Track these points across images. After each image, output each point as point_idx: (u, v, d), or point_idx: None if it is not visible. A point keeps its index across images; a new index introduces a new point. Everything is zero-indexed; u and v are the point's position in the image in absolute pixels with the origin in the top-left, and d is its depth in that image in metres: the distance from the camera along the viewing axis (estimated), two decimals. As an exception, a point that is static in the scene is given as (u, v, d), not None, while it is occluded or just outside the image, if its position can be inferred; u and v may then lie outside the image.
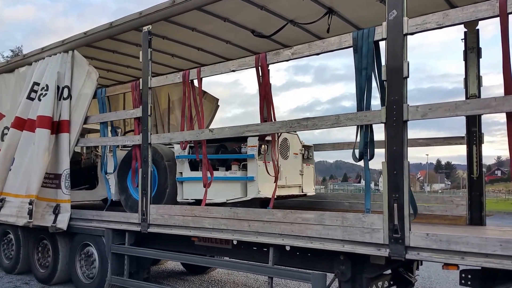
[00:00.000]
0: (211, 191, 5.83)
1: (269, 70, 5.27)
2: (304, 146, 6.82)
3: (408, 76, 3.92)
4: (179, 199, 6.35)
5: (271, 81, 5.35)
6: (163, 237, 6.28)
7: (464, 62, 5.55)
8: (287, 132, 6.17)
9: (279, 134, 5.96)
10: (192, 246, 6.17)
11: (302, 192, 6.70)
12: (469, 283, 4.09)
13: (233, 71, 5.36)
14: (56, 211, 7.06)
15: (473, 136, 5.45)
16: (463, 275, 4.13)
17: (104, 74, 9.11)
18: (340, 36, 4.45)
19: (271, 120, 5.22)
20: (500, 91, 3.66)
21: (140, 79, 6.33)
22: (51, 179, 7.18)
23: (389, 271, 5.39)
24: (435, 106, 3.77)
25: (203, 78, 5.76)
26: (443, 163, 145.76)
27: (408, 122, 3.96)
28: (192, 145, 6.40)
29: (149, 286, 6.59)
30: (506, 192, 69.67)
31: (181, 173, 6.37)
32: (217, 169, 6.14)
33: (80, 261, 7.34)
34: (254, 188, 5.67)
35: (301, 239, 4.63)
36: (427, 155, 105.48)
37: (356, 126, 4.42)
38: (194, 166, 6.41)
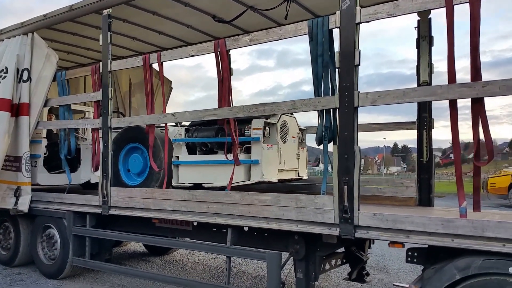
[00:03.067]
0: (210, 175, 5.87)
1: (229, 55, 5.34)
2: (300, 129, 6.74)
3: (359, 64, 4.09)
4: (174, 183, 6.25)
5: (235, 65, 5.41)
6: (125, 219, 6.37)
7: (416, 50, 5.72)
8: (286, 115, 6.18)
9: (279, 116, 5.98)
10: (153, 228, 6.29)
11: (298, 176, 6.67)
12: (415, 260, 4.35)
13: (193, 56, 5.43)
14: (17, 193, 7.07)
15: (424, 122, 5.66)
16: (409, 253, 4.38)
17: (64, 56, 9.00)
18: (296, 24, 4.59)
19: (229, 105, 5.28)
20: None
21: (100, 62, 6.34)
22: (11, 162, 7.15)
23: (342, 250, 5.66)
24: (384, 93, 3.96)
25: (164, 62, 5.80)
26: (399, 146, 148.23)
27: (359, 108, 4.13)
28: (189, 128, 6.40)
29: (109, 267, 6.72)
30: (460, 175, 71.49)
31: (178, 156, 6.27)
32: (216, 153, 6.12)
33: (42, 243, 7.39)
34: (258, 171, 5.64)
35: (258, 220, 4.81)
36: (384, 138, 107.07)
37: (317, 112, 4.57)
38: (191, 150, 6.36)
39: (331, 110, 4.42)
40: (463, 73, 4.03)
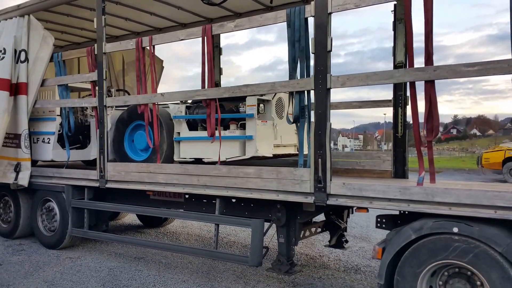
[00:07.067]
0: (209, 151, 6.13)
1: (219, 35, 5.42)
2: None
3: (331, 50, 4.50)
4: (176, 158, 6.48)
5: (234, 39, 5.84)
6: (121, 192, 6.79)
7: (393, 32, 6.05)
8: (283, 92, 6.35)
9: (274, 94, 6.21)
10: (148, 200, 6.72)
11: (298, 151, 6.81)
12: (383, 226, 4.86)
13: (182, 39, 5.80)
14: (17, 169, 7.46)
15: (399, 99, 6.03)
16: (379, 219, 4.88)
17: (58, 35, 9.25)
18: (276, 12, 5.01)
19: (211, 85, 5.65)
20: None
21: (95, 44, 6.67)
22: (11, 139, 7.53)
23: (322, 219, 6.15)
24: (352, 76, 4.39)
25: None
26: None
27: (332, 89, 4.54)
28: (190, 105, 6.66)
29: (107, 236, 7.19)
30: (460, 150, 71.98)
31: (179, 133, 6.52)
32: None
33: (42, 215, 7.81)
34: (253, 147, 5.86)
35: (243, 190, 5.27)
36: (384, 114, 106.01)
37: (288, 93, 4.99)
38: (192, 126, 6.59)
39: (306, 91, 4.82)
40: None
